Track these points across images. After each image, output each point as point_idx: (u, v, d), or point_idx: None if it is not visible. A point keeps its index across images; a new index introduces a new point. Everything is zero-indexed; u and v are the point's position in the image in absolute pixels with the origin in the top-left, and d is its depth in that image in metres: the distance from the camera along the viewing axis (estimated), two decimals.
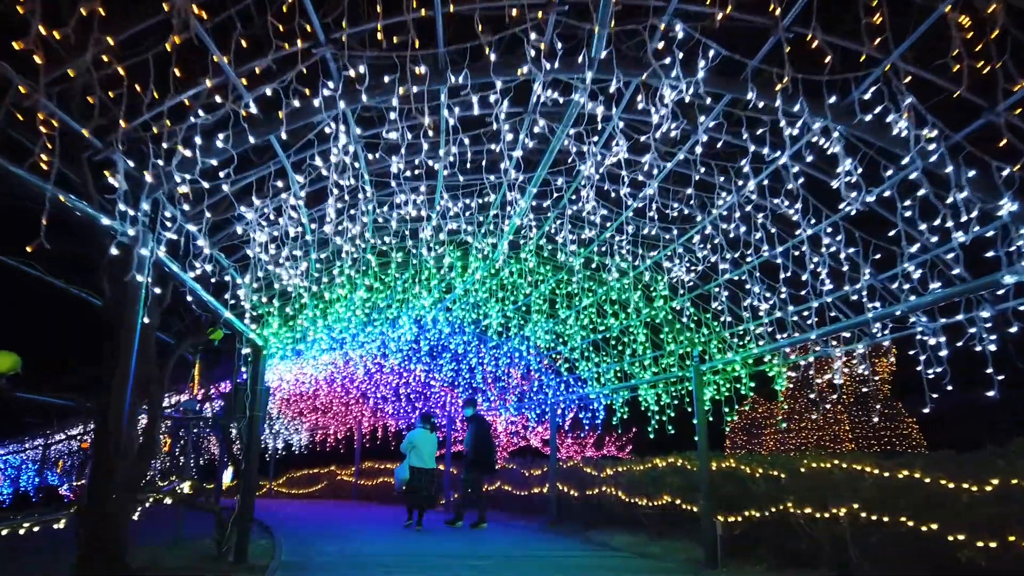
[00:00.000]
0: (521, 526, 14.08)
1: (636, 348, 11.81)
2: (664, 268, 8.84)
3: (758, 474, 9.47)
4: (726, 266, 7.96)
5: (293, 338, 9.97)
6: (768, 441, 27.25)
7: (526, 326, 13.04)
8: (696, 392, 10.36)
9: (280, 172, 5.83)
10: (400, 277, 10.09)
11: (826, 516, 8.08)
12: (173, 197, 4.97)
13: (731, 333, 9.19)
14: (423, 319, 13.20)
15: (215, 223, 6.05)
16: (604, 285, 10.25)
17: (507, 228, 8.09)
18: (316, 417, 27.93)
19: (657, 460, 11.70)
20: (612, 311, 10.60)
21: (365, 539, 11.57)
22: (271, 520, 14.40)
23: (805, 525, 8.48)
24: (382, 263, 9.11)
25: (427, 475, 12.63)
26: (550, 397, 15.65)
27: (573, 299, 10.97)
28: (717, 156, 6.43)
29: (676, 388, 11.73)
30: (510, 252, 9.62)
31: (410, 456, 12.54)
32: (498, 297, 11.65)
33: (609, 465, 13.11)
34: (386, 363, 18.56)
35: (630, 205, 7.49)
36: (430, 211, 7.45)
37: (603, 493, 13.00)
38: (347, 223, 6.99)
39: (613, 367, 12.81)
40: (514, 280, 10.61)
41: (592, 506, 13.32)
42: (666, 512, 10.56)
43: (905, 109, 4.68)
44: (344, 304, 9.65)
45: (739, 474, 9.70)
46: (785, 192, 6.29)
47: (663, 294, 9.49)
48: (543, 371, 15.74)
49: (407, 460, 12.56)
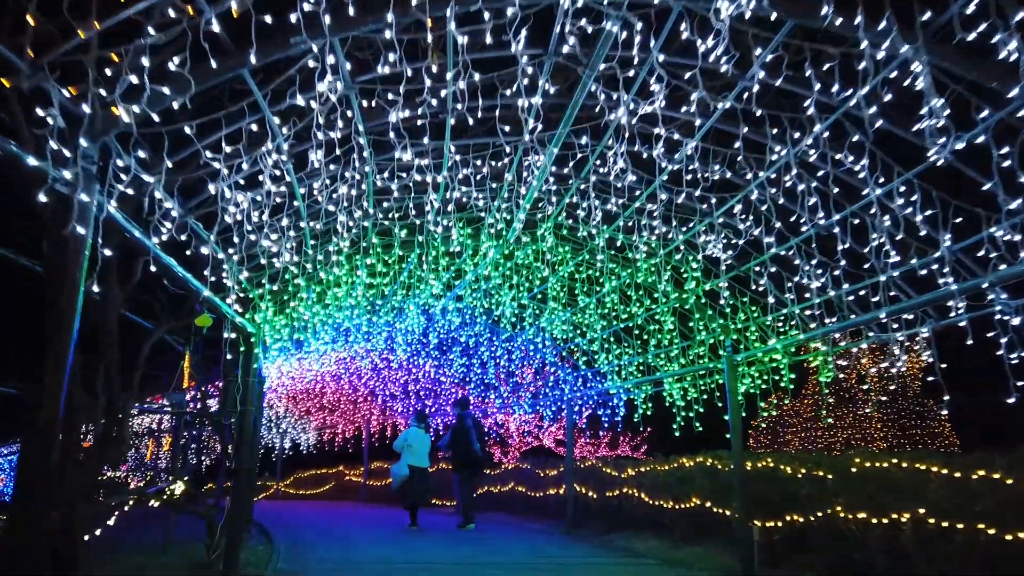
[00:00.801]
0: (536, 529, 13.33)
1: (662, 338, 10.91)
2: (698, 245, 7.93)
3: (800, 475, 8.65)
4: (771, 239, 7.04)
5: (290, 326, 9.17)
6: (793, 440, 26.15)
7: (541, 316, 12.16)
8: (729, 385, 9.46)
9: (260, 122, 5.00)
10: (405, 259, 9.26)
11: (884, 522, 7.22)
12: (133, 143, 4.15)
13: (773, 318, 8.26)
14: (432, 309, 12.36)
15: (187, 185, 5.24)
16: (629, 267, 9.35)
17: (525, 196, 7.21)
18: (323, 416, 27.21)
19: (684, 459, 10.99)
20: (636, 297, 9.72)
21: (370, 544, 10.80)
22: (272, 523, 13.71)
23: (857, 532, 7.63)
24: (385, 244, 8.29)
25: (420, 474, 12.67)
26: (566, 393, 14.74)
27: (593, 284, 10.09)
28: (770, 106, 5.53)
29: (704, 382, 10.84)
30: (526, 231, 8.75)
31: (405, 455, 12.59)
32: (512, 283, 10.80)
33: (630, 465, 12.43)
34: (393, 358, 17.76)
35: (664, 168, 6.59)
36: (436, 175, 6.60)
37: (624, 495, 12.19)
38: (341, 188, 6.16)
39: (635, 360, 11.91)
40: (530, 263, 9.74)
41: (612, 508, 12.68)
42: (695, 515, 9.84)
43: (1016, 27, 3.79)
44: (345, 288, 8.84)
45: (778, 475, 8.92)
46: (850, 145, 5.39)
47: (695, 275, 8.58)
48: (559, 365, 14.86)
49: (403, 459, 12.61)
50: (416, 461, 12.62)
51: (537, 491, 15.35)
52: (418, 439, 12.88)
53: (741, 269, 8.27)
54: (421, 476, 12.73)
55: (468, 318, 13.30)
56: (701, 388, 10.77)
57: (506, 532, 12.77)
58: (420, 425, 13.19)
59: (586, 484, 13.44)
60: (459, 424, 12.87)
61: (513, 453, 27.87)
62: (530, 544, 11.00)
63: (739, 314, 8.99)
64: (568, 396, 14.51)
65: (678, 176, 6.64)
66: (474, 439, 12.76)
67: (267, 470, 31.81)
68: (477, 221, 8.45)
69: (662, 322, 9.98)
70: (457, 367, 17.49)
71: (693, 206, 7.53)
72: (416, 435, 12.94)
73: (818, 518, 8.13)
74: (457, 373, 18.16)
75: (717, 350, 9.73)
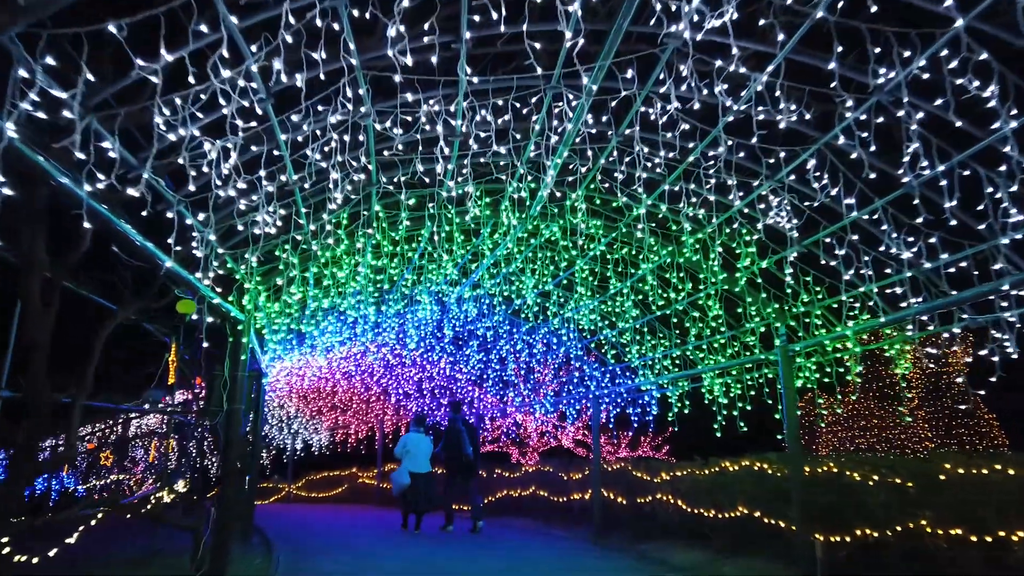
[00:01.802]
0: (560, 537, 12.31)
1: (704, 328, 9.74)
2: (757, 215, 6.77)
3: (872, 482, 7.53)
4: (851, 200, 5.87)
5: (284, 312, 8.16)
6: (828, 441, 24.69)
7: (567, 305, 11.04)
8: (784, 378, 8.31)
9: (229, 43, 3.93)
10: (416, 239, 8.20)
11: (987, 540, 6.07)
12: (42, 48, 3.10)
13: (846, 299, 7.03)
14: (446, 298, 11.30)
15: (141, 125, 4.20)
16: (671, 244, 8.21)
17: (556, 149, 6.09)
18: (336, 415, 26.25)
19: (727, 463, 9.90)
20: (677, 279, 8.58)
21: (379, 554, 9.78)
22: (277, 529, 12.76)
23: (948, 551, 6.50)
24: (391, 217, 7.22)
25: (423, 479, 12.27)
26: (592, 390, 13.60)
27: (628, 266, 8.95)
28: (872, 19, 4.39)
29: (752, 376, 9.69)
30: (552, 203, 7.64)
31: (405, 460, 12.21)
32: (535, 267, 9.72)
33: (664, 468, 11.37)
34: (406, 353, 16.73)
35: (729, 108, 5.43)
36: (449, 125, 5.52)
37: (658, 501, 11.06)
38: (334, 138, 5.09)
39: (672, 352, 10.75)
40: (556, 238, 8.61)
41: (644, 516, 11.67)
42: (740, 525, 8.92)
43: None
44: (347, 269, 7.79)
45: (845, 482, 7.84)
46: (974, 67, 4.24)
47: (750, 251, 7.41)
48: (584, 360, 13.72)
49: (404, 464, 12.23)
50: (417, 467, 12.23)
51: (561, 496, 14.36)
52: (417, 444, 12.48)
53: (803, 245, 7.06)
54: (425, 482, 12.32)
55: (486, 308, 12.20)
56: (748, 383, 9.61)
57: (529, 540, 11.79)
58: (419, 429, 12.82)
59: (614, 489, 12.48)
60: (451, 427, 12.65)
61: (531, 454, 26.86)
62: (557, 555, 10.04)
63: (800, 296, 7.79)
64: (595, 393, 13.35)
65: (741, 127, 5.51)
66: (466, 442, 12.41)
67: (278, 472, 30.99)
68: (497, 192, 7.36)
69: (706, 308, 8.81)
70: (474, 363, 16.41)
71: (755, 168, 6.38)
72: (416, 440, 12.55)
73: (897, 533, 7.04)
74: (474, 370, 17.07)
75: (770, 340, 8.59)
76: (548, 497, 14.77)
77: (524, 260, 9.54)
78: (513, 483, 16.01)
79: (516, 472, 16.15)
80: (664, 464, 11.74)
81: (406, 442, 12.51)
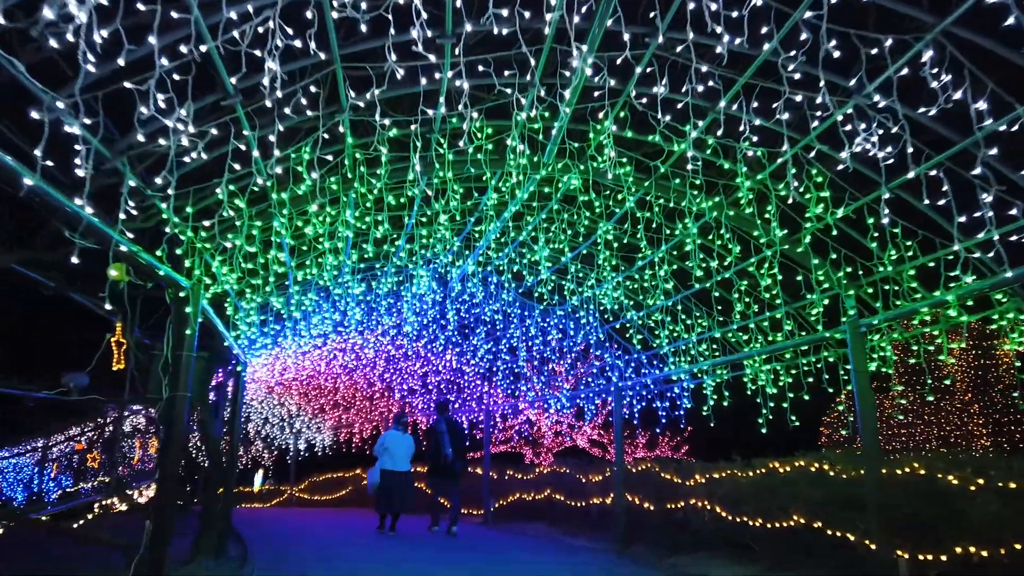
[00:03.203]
0: (579, 547, 10.99)
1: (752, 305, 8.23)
2: (840, 138, 5.23)
3: (974, 487, 6.09)
4: (983, 105, 4.34)
5: (248, 283, 6.76)
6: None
7: (585, 282, 9.55)
8: (855, 360, 6.80)
9: None
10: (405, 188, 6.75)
11: None
12: None
13: (964, 247, 5.46)
14: (447, 273, 9.86)
15: None
16: (719, 194, 6.70)
17: (577, 68, 4.62)
18: (339, 414, 24.89)
19: (776, 463, 8.49)
20: (721, 243, 7.06)
21: (375, 569, 8.37)
22: (264, 539, 11.42)
23: None
24: (369, 156, 5.77)
25: (400, 478, 12.01)
26: (615, 382, 12.04)
27: (663, 228, 7.46)
28: None
29: (807, 362, 8.17)
30: (572, 139, 6.17)
31: (382, 459, 11.99)
32: (550, 234, 8.27)
33: (699, 470, 9.99)
34: (407, 343, 15.31)
35: None
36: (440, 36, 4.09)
37: (691, 507, 9.69)
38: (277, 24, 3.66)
39: (711, 335, 9.20)
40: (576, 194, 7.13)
41: (675, 524, 10.41)
42: (793, 536, 7.71)
43: None
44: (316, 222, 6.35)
45: (939, 487, 6.38)
46: None
47: (823, 197, 5.85)
48: (606, 348, 12.20)
49: (379, 463, 12.05)
50: (395, 465, 11.97)
51: (578, 500, 13.00)
52: (396, 442, 12.23)
53: (889, 187, 5.50)
54: (402, 481, 12.02)
55: (493, 287, 10.72)
56: (805, 368, 8.08)
57: (543, 550, 10.57)
58: (399, 427, 12.57)
59: (639, 493, 11.17)
60: (433, 428, 12.42)
61: (545, 455, 25.56)
62: (577, 569, 8.76)
63: (888, 253, 6.20)
64: (617, 385, 11.76)
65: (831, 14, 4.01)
66: (446, 444, 12.04)
67: (280, 474, 29.75)
68: (503, 128, 5.92)
69: (758, 278, 7.26)
70: (482, 353, 14.95)
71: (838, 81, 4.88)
72: (394, 438, 12.30)
73: (1014, 552, 5.59)
74: (482, 362, 15.62)
75: (835, 316, 7.07)
76: (564, 501, 13.43)
77: (537, 226, 8.08)
78: (526, 486, 14.67)
79: (529, 474, 14.78)
80: (698, 465, 10.32)
81: (385, 440, 12.25)
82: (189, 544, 8.10)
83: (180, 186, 4.95)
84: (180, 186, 4.95)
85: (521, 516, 14.53)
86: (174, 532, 5.78)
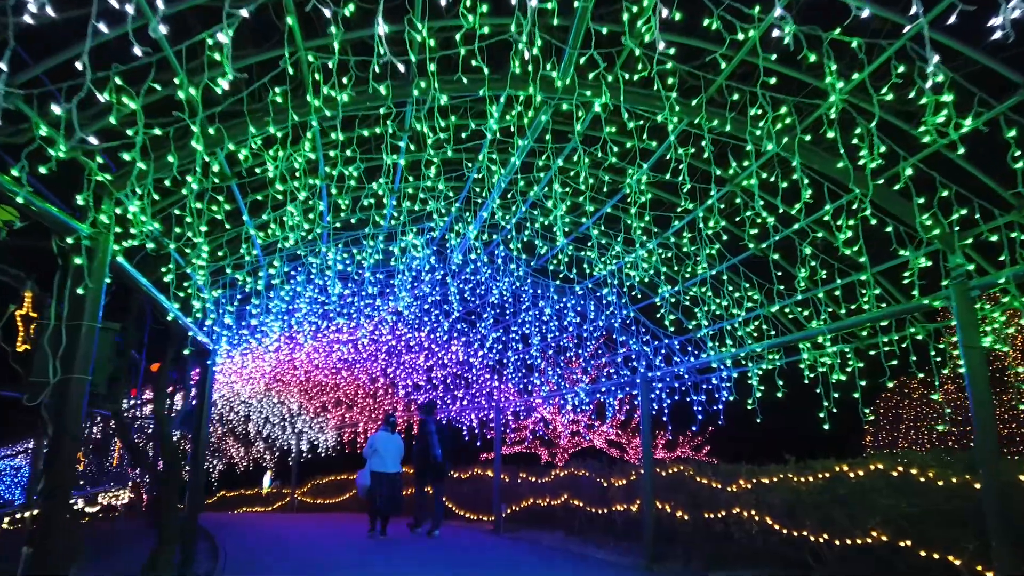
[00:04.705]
0: (601, 561, 9.67)
1: (818, 271, 6.65)
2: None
3: None
4: None
5: (187, 239, 5.31)
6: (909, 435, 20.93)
7: (609, 252, 8.00)
8: (965, 333, 5.25)
9: None
10: (374, 118, 5.27)
11: None
12: None
13: None
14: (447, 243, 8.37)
15: None
16: (790, 114, 5.13)
17: None
18: (342, 412, 23.47)
19: (843, 466, 7.07)
20: (788, 187, 5.48)
21: None
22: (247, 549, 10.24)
23: None
24: (325, 62, 4.30)
25: (389, 479, 11.80)
26: (642, 373, 10.47)
27: (724, 163, 5.89)
28: None
29: (889, 339, 6.60)
30: (599, 46, 4.67)
31: (371, 461, 11.82)
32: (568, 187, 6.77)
33: (743, 474, 8.58)
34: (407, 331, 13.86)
35: None
36: None
37: (734, 517, 8.50)
38: None
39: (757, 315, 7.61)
40: (602, 129, 5.60)
41: (714, 536, 8.86)
42: (868, 554, 6.56)
43: None
44: (269, 162, 4.90)
45: None
46: None
47: (946, 101, 4.26)
48: (633, 333, 10.63)
49: (368, 465, 11.93)
50: (384, 467, 11.77)
51: (600, 506, 11.64)
52: (385, 444, 11.99)
53: None
54: (391, 483, 11.81)
55: (501, 261, 9.19)
56: (888, 346, 6.48)
57: (561, 564, 9.21)
58: (387, 428, 12.35)
59: (672, 500, 9.78)
60: (421, 429, 12.41)
61: (561, 456, 24.14)
62: None
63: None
64: (645, 375, 10.18)
65: None
66: (435, 444, 11.98)
67: (283, 477, 28.42)
68: (501, 27, 4.43)
69: (835, 230, 5.65)
70: (491, 343, 13.45)
71: None
72: (383, 439, 12.06)
73: None
74: (491, 353, 14.11)
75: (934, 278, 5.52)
76: (584, 507, 12.02)
77: (553, 176, 6.57)
78: (541, 490, 13.25)
79: (544, 476, 13.34)
80: (741, 469, 8.82)
81: (373, 442, 12.03)
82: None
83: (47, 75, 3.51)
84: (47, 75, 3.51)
85: (535, 523, 13.19)
86: (75, 559, 4.37)
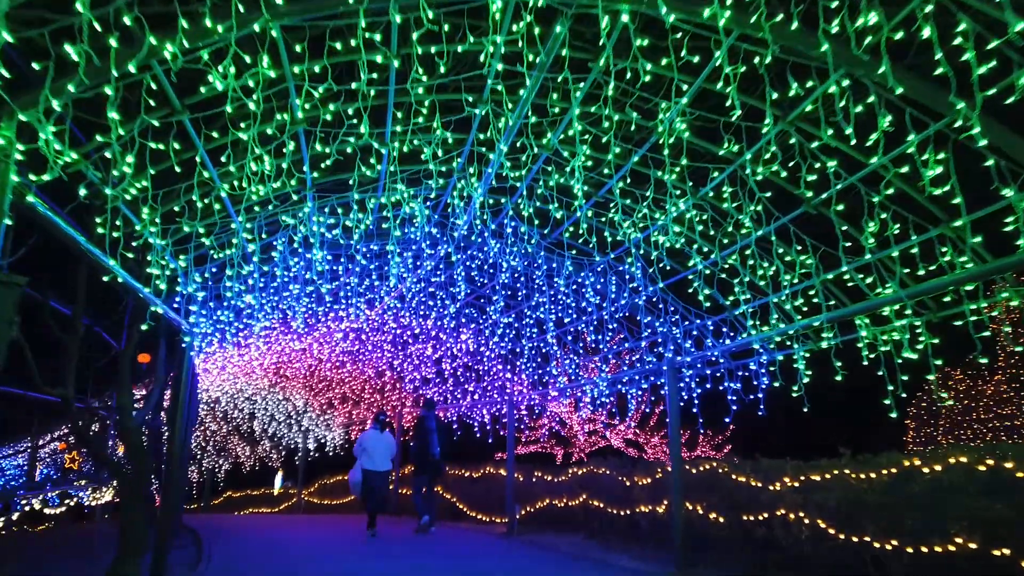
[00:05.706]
0: (626, 569, 8.55)
1: (891, 226, 5.57)
2: None
3: None
4: None
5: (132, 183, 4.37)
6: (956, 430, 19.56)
7: (636, 214, 6.94)
8: None
9: None
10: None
11: None
12: None
13: None
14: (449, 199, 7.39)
15: None
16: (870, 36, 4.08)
17: None
18: (349, 409, 22.57)
19: (916, 461, 6.03)
20: (861, 117, 4.44)
21: None
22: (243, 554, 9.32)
23: None
24: None
25: (379, 477, 11.88)
26: (669, 359, 9.37)
27: (767, 98, 4.87)
28: None
29: (978, 305, 5.55)
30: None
31: (361, 459, 11.83)
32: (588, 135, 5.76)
33: (789, 471, 7.57)
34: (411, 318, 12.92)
35: None
36: None
37: (778, 520, 7.59)
38: None
39: (818, 281, 6.49)
40: (632, 56, 4.55)
41: (754, 541, 7.93)
42: (951, 566, 5.72)
43: None
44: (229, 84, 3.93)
45: None
46: None
47: None
48: (660, 313, 9.56)
49: (357, 464, 11.90)
50: (373, 465, 11.78)
51: (622, 507, 10.66)
52: (374, 442, 11.93)
53: None
54: (380, 481, 11.87)
55: (512, 233, 8.16)
56: (976, 315, 5.40)
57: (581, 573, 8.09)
58: (376, 426, 12.25)
59: (704, 501, 8.83)
60: (421, 425, 12.47)
61: (578, 455, 23.23)
62: None
63: None
64: (673, 360, 9.05)
65: None
66: (434, 442, 12.04)
67: (290, 477, 27.59)
68: None
69: (921, 167, 4.57)
70: (502, 330, 12.44)
71: None
72: (373, 438, 12.01)
73: None
74: (503, 342, 13.11)
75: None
76: (604, 508, 11.04)
77: (571, 121, 5.57)
78: (557, 489, 12.27)
79: (562, 475, 12.35)
80: (786, 465, 7.78)
81: (363, 440, 11.99)
82: None
83: None
84: None
85: (552, 526, 12.21)
86: None
